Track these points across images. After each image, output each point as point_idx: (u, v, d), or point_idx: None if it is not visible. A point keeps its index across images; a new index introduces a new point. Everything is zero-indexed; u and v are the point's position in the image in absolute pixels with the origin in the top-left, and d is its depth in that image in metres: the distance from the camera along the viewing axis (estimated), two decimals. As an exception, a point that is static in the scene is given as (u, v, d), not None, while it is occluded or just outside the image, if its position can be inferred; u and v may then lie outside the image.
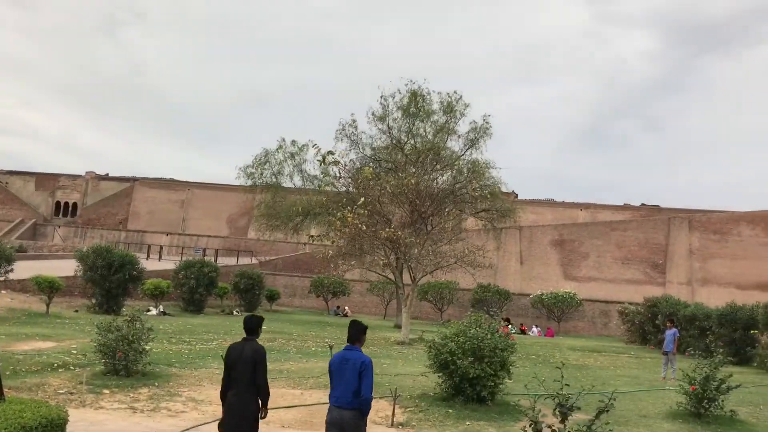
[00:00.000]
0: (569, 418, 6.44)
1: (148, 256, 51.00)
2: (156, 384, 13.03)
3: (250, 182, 42.16)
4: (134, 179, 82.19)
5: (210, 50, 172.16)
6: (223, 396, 7.26)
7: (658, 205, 69.13)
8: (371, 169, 28.27)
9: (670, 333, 20.01)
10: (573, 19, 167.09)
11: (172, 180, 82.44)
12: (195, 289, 32.69)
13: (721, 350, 20.26)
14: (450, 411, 12.23)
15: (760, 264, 58.27)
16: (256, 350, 7.32)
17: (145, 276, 31.11)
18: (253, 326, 7.60)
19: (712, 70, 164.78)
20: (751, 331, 25.26)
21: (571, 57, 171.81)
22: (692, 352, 19.56)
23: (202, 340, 20.78)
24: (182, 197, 79.51)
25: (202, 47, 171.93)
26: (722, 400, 13.09)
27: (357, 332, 7.28)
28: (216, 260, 43.20)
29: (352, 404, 6.82)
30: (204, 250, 58.10)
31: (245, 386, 7.14)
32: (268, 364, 7.45)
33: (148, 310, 29.17)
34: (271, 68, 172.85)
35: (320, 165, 25.41)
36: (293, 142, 41.29)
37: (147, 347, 13.80)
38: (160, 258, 51.79)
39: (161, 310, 30.06)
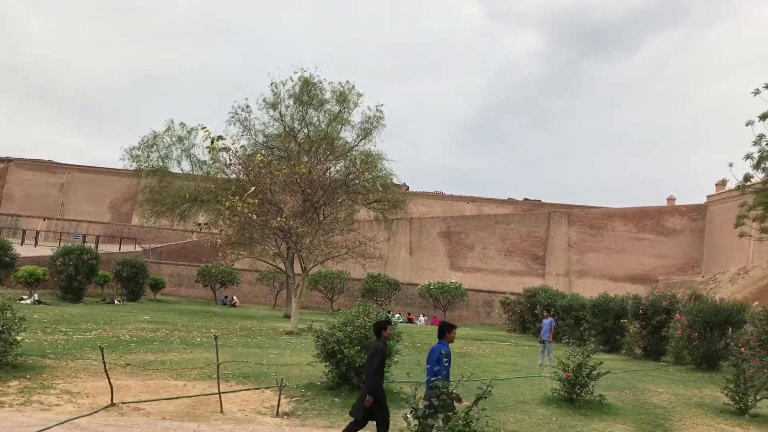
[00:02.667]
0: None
1: (22, 241, 48.25)
2: (27, 376, 12.35)
3: (135, 165, 40.47)
4: (8, 160, 76.93)
5: (100, 27, 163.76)
6: None
7: (539, 200, 72.24)
8: (263, 156, 27.88)
9: (547, 322, 20.96)
10: (467, 15, 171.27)
11: (50, 162, 77.82)
12: (74, 276, 31.12)
13: (594, 339, 21.61)
14: (336, 400, 12.34)
15: (631, 257, 62.27)
16: (374, 347, 9.02)
17: (18, 262, 29.33)
18: (375, 328, 9.41)
19: (594, 73, 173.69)
20: (621, 321, 26.86)
21: (464, 53, 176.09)
22: (567, 340, 20.67)
23: (81, 330, 19.84)
24: (61, 180, 75.30)
25: (92, 23, 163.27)
26: (592, 386, 13.92)
27: (442, 330, 9.11)
28: (97, 247, 41.31)
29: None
30: (84, 237, 55.36)
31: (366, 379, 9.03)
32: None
33: (22, 299, 27.54)
34: (165, 49, 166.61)
35: (209, 151, 24.76)
36: (182, 125, 40.05)
37: (18, 338, 13.04)
38: (36, 244, 49.08)
39: (36, 298, 28.43)
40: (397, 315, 42.11)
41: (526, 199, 72.78)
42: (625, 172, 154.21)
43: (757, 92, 22.30)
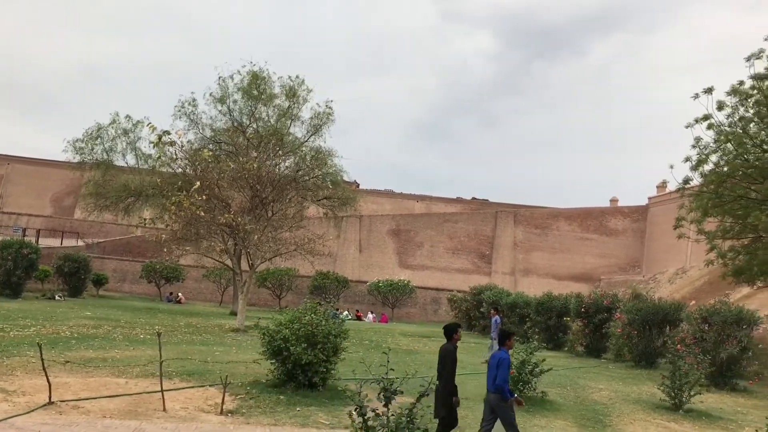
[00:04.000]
0: (393, 401, 6.71)
1: (-44, 234, 46.45)
2: (-40, 375, 11.95)
3: (79, 158, 39.43)
4: (-58, 149, 74.02)
5: (42, 14, 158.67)
6: None
7: (487, 200, 73.14)
8: (210, 151, 27.52)
9: (494, 320, 21.39)
10: (420, 15, 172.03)
11: (-12, 153, 75.17)
12: (12, 271, 30.13)
13: (537, 336, 22.04)
14: (281, 397, 12.29)
15: (574, 257, 63.63)
16: (444, 349, 9.86)
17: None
18: (446, 331, 10.12)
19: (544, 75, 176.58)
20: (564, 319, 27.44)
21: (417, 52, 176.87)
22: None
23: (18, 327, 19.26)
24: (0, 172, 72.89)
25: (34, 9, 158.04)
26: (535, 383, 14.22)
27: (502, 338, 10.24)
28: (37, 241, 40.08)
29: (492, 388, 9.74)
30: (24, 230, 53.66)
31: (438, 377, 9.77)
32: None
33: (-45, 294, 26.58)
34: (112, 39, 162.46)
35: (155, 145, 24.31)
36: (127, 117, 39.24)
37: (-49, 335, 12.60)
38: (-29, 237, 47.31)
39: (-30, 294, 27.49)
40: (346, 312, 42.11)
41: (474, 198, 73.57)
42: (572, 172, 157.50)
43: (696, 96, 23.01)
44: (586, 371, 20.17)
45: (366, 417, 6.54)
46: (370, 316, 44.65)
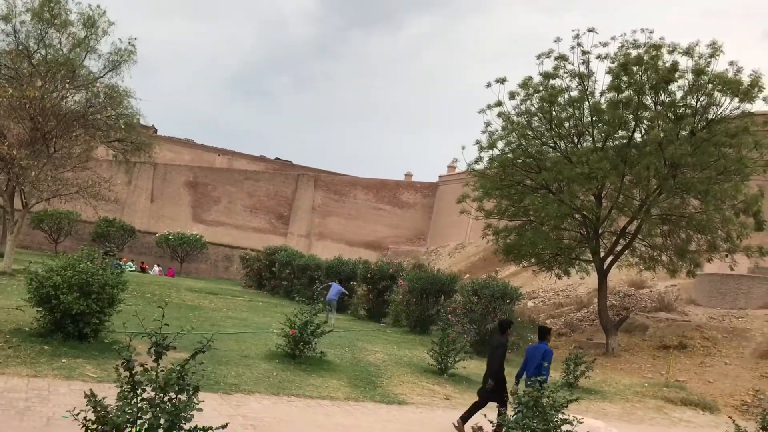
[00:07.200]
0: (164, 357, 6.55)
1: None
2: None
3: None
4: None
5: None
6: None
7: (290, 161, 73.11)
8: (-14, 74, 24.63)
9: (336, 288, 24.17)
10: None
11: None
12: None
13: (323, 298, 22.64)
14: (46, 348, 11.50)
15: (368, 225, 65.95)
16: (498, 341, 11.89)
17: None
18: (501, 327, 12.30)
19: (360, 44, 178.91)
20: (351, 283, 28.42)
21: (235, 1, 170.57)
22: (299, 299, 21.32)
23: None
24: None
25: None
26: (315, 343, 14.65)
27: (543, 333, 11.79)
28: None
29: (536, 375, 10.63)
30: None
31: (489, 366, 11.69)
32: None
33: None
34: None
35: None
36: None
37: None
38: None
39: None
40: (130, 263, 40.16)
41: (277, 159, 73.13)
42: (374, 144, 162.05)
43: (489, 85, 24.73)
44: (365, 334, 21.08)
45: (133, 371, 6.32)
46: (156, 268, 43.00)
